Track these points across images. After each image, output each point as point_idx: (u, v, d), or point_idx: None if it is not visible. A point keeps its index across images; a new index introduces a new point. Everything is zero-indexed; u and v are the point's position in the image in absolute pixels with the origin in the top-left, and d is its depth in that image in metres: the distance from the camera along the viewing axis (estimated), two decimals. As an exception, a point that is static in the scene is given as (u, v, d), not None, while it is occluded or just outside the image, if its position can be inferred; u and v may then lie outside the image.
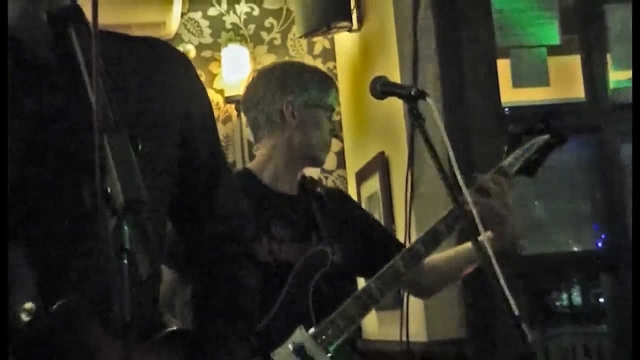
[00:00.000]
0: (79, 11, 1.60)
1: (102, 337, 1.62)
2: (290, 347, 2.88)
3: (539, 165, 3.10)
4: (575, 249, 7.33)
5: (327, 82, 3.31)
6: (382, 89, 2.79)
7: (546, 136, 3.07)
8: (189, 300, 2.06)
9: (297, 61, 3.32)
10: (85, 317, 1.64)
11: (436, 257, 3.14)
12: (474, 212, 2.44)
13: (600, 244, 4.43)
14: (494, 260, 2.31)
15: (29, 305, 1.60)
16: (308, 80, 3.22)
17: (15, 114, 1.68)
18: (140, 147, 1.50)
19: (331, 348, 2.92)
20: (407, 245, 3.27)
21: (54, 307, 1.60)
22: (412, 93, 2.68)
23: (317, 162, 3.30)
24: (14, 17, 1.70)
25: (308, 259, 3.02)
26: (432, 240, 3.00)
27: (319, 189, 3.35)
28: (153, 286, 1.85)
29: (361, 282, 3.42)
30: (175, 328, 1.87)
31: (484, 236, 2.43)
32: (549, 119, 3.13)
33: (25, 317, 1.59)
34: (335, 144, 5.31)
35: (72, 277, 1.67)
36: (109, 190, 1.37)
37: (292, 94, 3.16)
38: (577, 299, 8.67)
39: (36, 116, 1.72)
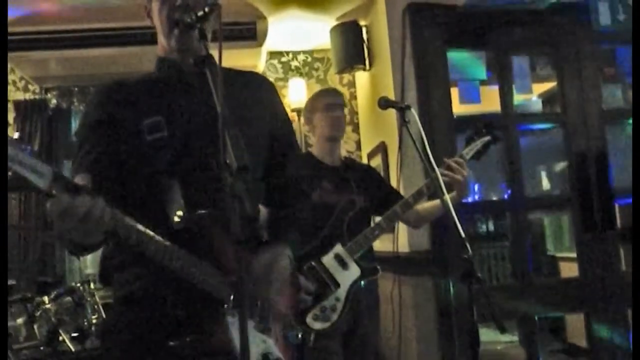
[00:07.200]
0: (210, 57, 1.66)
1: (222, 238, 1.63)
2: (332, 254, 2.90)
3: (483, 154, 3.08)
4: (494, 198, 7.33)
5: (323, 93, 3.33)
6: (384, 103, 2.81)
7: (488, 137, 3.06)
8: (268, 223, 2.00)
9: (317, 91, 3.36)
10: (212, 224, 1.64)
11: (421, 207, 3.13)
12: (441, 180, 2.53)
13: (506, 196, 4.37)
14: (450, 205, 2.34)
15: (180, 212, 1.63)
16: (314, 99, 3.29)
17: (179, 112, 1.75)
18: (244, 136, 1.56)
19: (356, 256, 2.93)
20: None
21: (196, 213, 1.64)
22: (402, 106, 2.74)
23: (334, 139, 3.22)
24: (179, 59, 1.80)
25: (345, 203, 3.02)
26: (417, 195, 2.99)
27: (354, 164, 3.39)
28: (255, 215, 1.85)
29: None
30: (264, 240, 1.88)
31: (447, 195, 2.48)
32: (490, 127, 3.11)
33: (177, 219, 1.62)
34: (355, 136, 5.33)
35: (206, 205, 1.67)
36: (227, 161, 1.39)
37: (310, 112, 3.25)
38: (491, 226, 8.65)
39: (189, 113, 1.77)
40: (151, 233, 1.51)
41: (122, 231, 1.45)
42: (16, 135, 1.42)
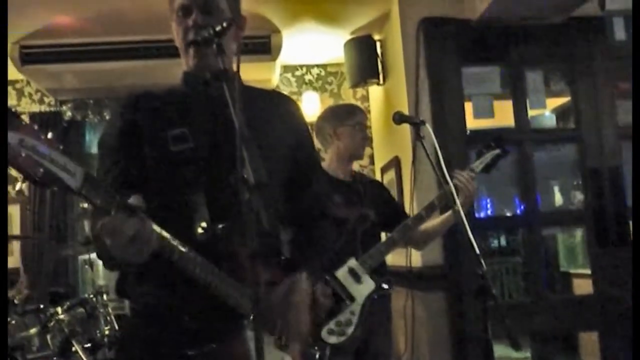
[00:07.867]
0: (227, 71, 1.61)
1: (242, 252, 1.60)
2: (346, 268, 2.90)
3: (493, 167, 3.08)
4: (507, 214, 7.28)
5: (353, 110, 3.29)
6: (399, 118, 2.82)
7: (497, 150, 3.05)
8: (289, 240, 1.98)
9: (338, 104, 3.33)
10: (233, 237, 1.62)
11: (427, 225, 3.10)
12: (454, 193, 2.53)
13: (519, 211, 4.35)
14: (464, 220, 2.31)
15: (204, 224, 1.63)
16: (342, 113, 3.25)
17: (203, 125, 1.76)
18: (264, 152, 1.53)
19: (370, 270, 2.93)
20: (412, 212, 3.26)
21: (219, 226, 1.64)
22: (417, 121, 2.75)
23: (356, 158, 3.25)
24: (201, 75, 1.78)
25: (357, 217, 3.01)
26: (429, 209, 2.98)
27: (364, 178, 3.36)
28: (273, 231, 1.83)
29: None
30: (284, 257, 1.86)
31: (460, 208, 2.46)
32: (499, 140, 3.10)
33: (200, 230, 1.62)
34: (368, 150, 5.31)
35: (227, 218, 1.65)
36: (245, 176, 1.38)
37: (334, 123, 3.19)
38: (503, 242, 8.60)
39: (212, 127, 1.76)
40: (193, 254, 1.56)
41: (166, 251, 1.50)
42: (50, 135, 1.41)
